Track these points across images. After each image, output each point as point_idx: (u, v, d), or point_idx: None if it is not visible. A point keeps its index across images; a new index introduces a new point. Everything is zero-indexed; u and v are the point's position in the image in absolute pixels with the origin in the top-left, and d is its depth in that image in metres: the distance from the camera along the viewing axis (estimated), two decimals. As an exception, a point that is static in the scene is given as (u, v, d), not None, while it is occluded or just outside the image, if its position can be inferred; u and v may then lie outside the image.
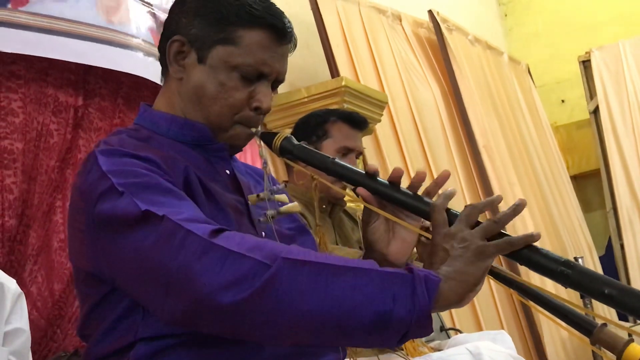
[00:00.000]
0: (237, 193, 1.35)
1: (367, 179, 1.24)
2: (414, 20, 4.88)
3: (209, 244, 1.07)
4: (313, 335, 1.07)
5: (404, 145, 4.12)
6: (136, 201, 1.12)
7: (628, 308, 0.99)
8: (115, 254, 1.14)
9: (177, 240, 1.08)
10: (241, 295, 1.03)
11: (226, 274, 1.04)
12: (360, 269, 1.05)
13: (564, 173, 5.95)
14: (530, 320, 4.52)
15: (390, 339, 1.05)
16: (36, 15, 2.34)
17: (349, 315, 1.03)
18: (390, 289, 1.03)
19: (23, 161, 2.34)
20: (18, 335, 1.89)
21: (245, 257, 1.05)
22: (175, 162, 1.25)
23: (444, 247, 1.10)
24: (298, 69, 3.75)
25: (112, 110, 2.67)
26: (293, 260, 1.05)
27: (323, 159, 1.29)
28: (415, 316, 1.02)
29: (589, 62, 5.89)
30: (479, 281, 1.08)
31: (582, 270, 1.04)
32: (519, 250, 1.08)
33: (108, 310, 1.21)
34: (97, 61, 2.53)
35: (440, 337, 2.84)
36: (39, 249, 2.35)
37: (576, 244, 5.48)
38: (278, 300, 1.03)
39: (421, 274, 1.04)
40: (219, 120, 1.32)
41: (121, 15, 2.65)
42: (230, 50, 1.29)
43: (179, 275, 1.06)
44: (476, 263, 1.07)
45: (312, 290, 1.03)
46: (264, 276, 1.03)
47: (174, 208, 1.12)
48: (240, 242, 1.08)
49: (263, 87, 1.32)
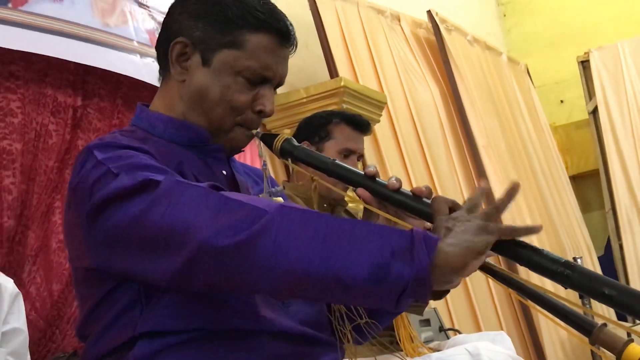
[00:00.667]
0: None
1: (367, 180, 1.24)
2: (413, 21, 4.89)
3: (207, 191, 1.10)
4: (310, 285, 1.05)
5: (403, 145, 4.12)
6: (134, 175, 1.14)
7: (628, 309, 0.99)
8: (112, 228, 1.14)
9: (176, 195, 1.10)
10: (238, 237, 1.04)
11: (223, 218, 1.06)
12: (359, 221, 1.07)
13: (563, 173, 5.95)
14: (529, 321, 4.52)
15: (387, 296, 1.03)
16: (35, 14, 2.35)
17: (346, 265, 1.02)
18: (388, 242, 1.02)
19: (22, 162, 2.34)
20: (16, 335, 1.89)
21: (242, 204, 1.07)
22: (170, 158, 1.25)
23: (446, 227, 1.07)
24: (297, 69, 3.74)
25: (111, 111, 2.67)
26: (291, 207, 1.07)
27: (323, 161, 1.29)
28: (414, 272, 1.00)
29: (587, 62, 5.90)
30: (481, 251, 1.04)
31: (582, 271, 1.04)
32: (518, 250, 1.08)
33: (107, 309, 1.21)
34: (94, 62, 2.53)
35: (439, 337, 2.84)
36: (37, 249, 2.35)
37: (575, 244, 5.48)
38: (275, 245, 1.03)
39: (420, 232, 1.03)
40: (221, 122, 1.32)
41: (117, 17, 2.65)
42: (236, 54, 1.29)
43: (177, 227, 1.08)
44: (479, 235, 1.05)
45: (310, 237, 1.03)
46: (261, 220, 1.04)
47: (172, 176, 1.15)
48: (238, 196, 1.11)
49: (266, 91, 1.33)
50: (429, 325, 2.88)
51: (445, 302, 3.81)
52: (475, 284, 4.14)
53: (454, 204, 1.14)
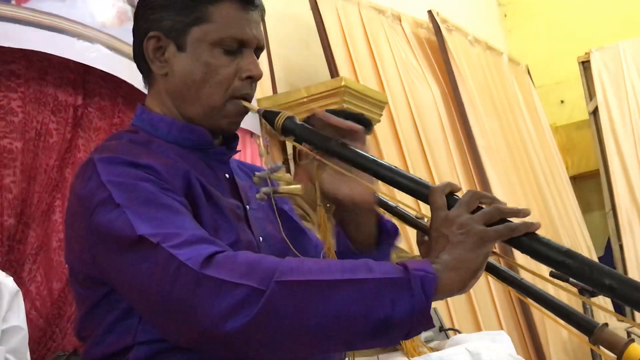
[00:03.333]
0: (235, 198, 1.34)
1: (370, 161, 1.22)
2: (414, 21, 4.89)
3: (201, 276, 1.06)
4: (317, 348, 1.09)
5: (403, 145, 4.12)
6: (132, 222, 1.12)
7: (628, 299, 0.99)
8: (115, 268, 1.15)
9: (171, 271, 1.08)
10: (241, 321, 1.04)
11: (222, 304, 1.05)
12: (355, 280, 1.05)
13: (563, 174, 5.96)
14: (530, 321, 4.52)
15: (393, 340, 1.06)
16: (36, 12, 2.35)
17: (350, 327, 1.04)
18: (388, 295, 1.03)
19: (22, 160, 2.34)
20: (15, 333, 1.89)
21: (238, 286, 1.05)
22: (177, 167, 1.24)
23: (443, 234, 1.08)
24: (297, 68, 3.75)
25: (112, 110, 2.67)
26: (287, 282, 1.05)
27: (326, 140, 1.27)
28: (416, 317, 1.03)
29: (588, 62, 5.90)
30: (480, 267, 1.07)
31: (583, 260, 1.03)
32: (520, 238, 1.07)
33: (106, 312, 1.21)
34: (94, 63, 2.53)
35: (439, 337, 2.84)
36: (38, 248, 2.35)
37: (575, 245, 5.48)
38: (278, 322, 1.04)
39: (417, 275, 1.04)
40: (212, 100, 1.30)
41: (113, 20, 2.65)
42: (204, 28, 1.29)
43: (178, 307, 1.08)
44: (476, 250, 1.06)
45: (311, 309, 1.04)
46: (259, 303, 1.04)
47: (169, 229, 1.12)
48: (232, 267, 1.08)
49: (248, 56, 1.32)
50: (429, 325, 2.87)
51: (445, 302, 3.82)
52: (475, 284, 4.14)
53: (452, 189, 1.13)
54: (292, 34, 3.92)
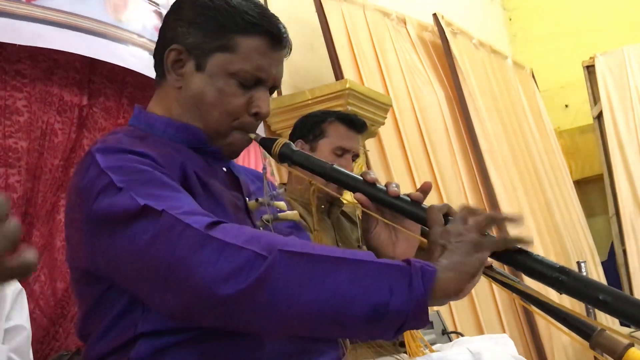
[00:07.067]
0: (235, 190, 1.36)
1: (365, 185, 1.25)
2: (419, 24, 4.89)
3: (206, 236, 1.07)
4: (310, 326, 1.08)
5: (407, 148, 4.13)
6: (135, 196, 1.13)
7: (623, 314, 1.00)
8: (113, 249, 1.15)
9: (175, 233, 1.09)
10: (239, 286, 1.04)
11: (223, 266, 1.05)
12: (357, 260, 1.06)
13: (567, 178, 5.95)
14: (532, 324, 4.52)
15: (387, 330, 1.06)
16: (47, 8, 2.36)
17: (346, 307, 1.03)
18: (387, 280, 1.04)
19: (27, 160, 2.35)
20: (18, 332, 1.89)
21: (242, 249, 1.06)
22: (172, 158, 1.26)
23: (441, 244, 1.11)
24: (302, 71, 3.76)
25: (117, 110, 2.68)
26: (290, 252, 1.06)
27: (322, 165, 1.30)
28: (412, 307, 1.03)
29: (593, 67, 5.90)
30: (476, 272, 1.09)
31: (577, 276, 1.06)
32: (514, 255, 1.10)
33: (107, 308, 1.22)
34: (103, 56, 2.54)
35: (442, 340, 2.84)
36: (42, 247, 2.36)
37: (578, 249, 5.48)
38: (275, 292, 1.04)
39: (417, 265, 1.05)
40: (218, 126, 1.33)
41: (128, 13, 2.66)
42: (228, 57, 1.30)
43: (177, 269, 1.07)
44: (473, 254, 1.09)
45: (309, 282, 1.04)
46: (261, 268, 1.04)
47: (172, 202, 1.14)
48: (237, 234, 1.09)
49: (261, 93, 1.33)
50: (432, 327, 2.88)
51: (448, 305, 3.82)
52: (477, 287, 4.12)
53: (449, 210, 1.18)
54: (297, 36, 3.92)
